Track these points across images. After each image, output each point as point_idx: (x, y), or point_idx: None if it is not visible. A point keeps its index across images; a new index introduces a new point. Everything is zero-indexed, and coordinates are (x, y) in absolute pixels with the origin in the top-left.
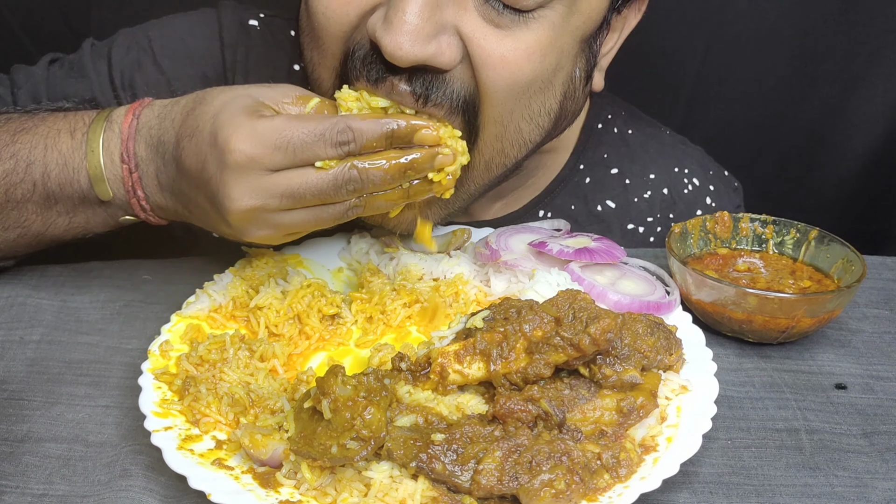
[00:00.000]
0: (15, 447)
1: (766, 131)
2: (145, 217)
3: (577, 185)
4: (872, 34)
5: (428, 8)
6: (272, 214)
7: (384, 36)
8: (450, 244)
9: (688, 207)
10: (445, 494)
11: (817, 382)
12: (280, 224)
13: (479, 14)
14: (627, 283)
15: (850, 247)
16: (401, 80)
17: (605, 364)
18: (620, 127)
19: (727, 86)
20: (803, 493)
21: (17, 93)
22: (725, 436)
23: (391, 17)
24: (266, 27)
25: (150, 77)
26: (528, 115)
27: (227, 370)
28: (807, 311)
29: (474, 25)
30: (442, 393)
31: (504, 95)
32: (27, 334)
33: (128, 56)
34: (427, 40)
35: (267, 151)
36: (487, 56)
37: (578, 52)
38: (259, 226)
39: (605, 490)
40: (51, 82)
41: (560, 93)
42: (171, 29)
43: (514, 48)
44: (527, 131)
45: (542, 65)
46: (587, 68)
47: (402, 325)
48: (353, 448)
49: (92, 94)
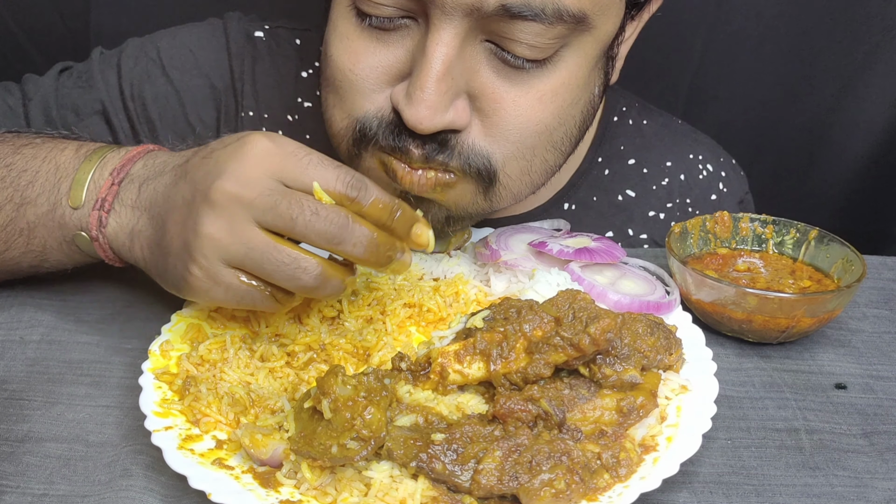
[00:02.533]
0: (15, 447)
1: (765, 131)
2: (96, 235)
3: (597, 177)
4: (870, 33)
5: (445, 81)
6: (243, 222)
7: (406, 109)
8: (450, 244)
9: (703, 192)
10: (445, 494)
11: (817, 382)
12: (241, 236)
13: (493, 70)
14: (627, 283)
15: (849, 247)
16: (416, 146)
17: (605, 364)
18: (635, 118)
19: (725, 85)
20: (803, 492)
21: (29, 104)
22: (725, 435)
23: (411, 92)
24: (271, 37)
25: (159, 89)
26: (550, 146)
27: (227, 370)
28: (807, 311)
29: (486, 82)
30: (442, 393)
31: (521, 135)
32: (27, 334)
33: (137, 67)
34: (444, 110)
35: (281, 155)
36: (500, 105)
37: (596, 74)
38: (223, 228)
39: (605, 490)
40: (61, 93)
41: (580, 118)
42: (180, 40)
43: (525, 95)
44: (552, 160)
45: (555, 104)
46: (605, 80)
47: (402, 325)
48: (353, 448)
49: (102, 105)
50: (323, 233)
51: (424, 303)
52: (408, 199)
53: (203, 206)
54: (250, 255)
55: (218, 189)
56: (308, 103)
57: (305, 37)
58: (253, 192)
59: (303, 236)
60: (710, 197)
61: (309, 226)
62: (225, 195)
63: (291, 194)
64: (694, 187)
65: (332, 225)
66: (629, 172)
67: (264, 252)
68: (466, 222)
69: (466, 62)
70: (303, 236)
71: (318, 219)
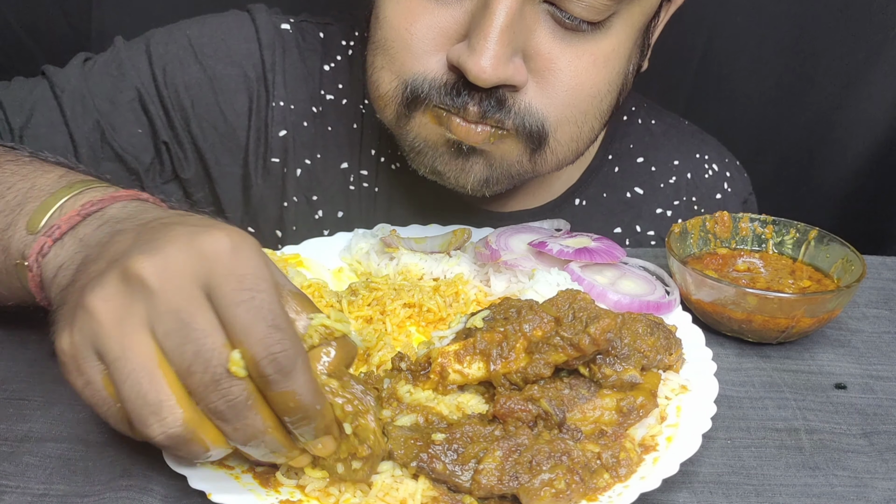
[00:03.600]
0: (15, 447)
1: (765, 130)
2: (31, 264)
3: (607, 174)
4: (872, 32)
5: (506, 34)
6: None
7: (469, 60)
8: (449, 244)
9: (708, 191)
10: (446, 494)
11: (817, 382)
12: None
13: (549, 31)
14: (627, 283)
15: (849, 247)
16: (474, 103)
17: (605, 364)
18: (644, 118)
19: (727, 84)
20: (803, 492)
21: (62, 96)
22: (725, 435)
23: (475, 44)
24: (297, 30)
25: (192, 76)
26: (599, 114)
27: None
28: (806, 311)
29: (543, 41)
30: (442, 393)
31: (575, 99)
32: (27, 333)
33: (167, 54)
34: (506, 63)
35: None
36: (556, 66)
37: (636, 48)
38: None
39: (605, 489)
40: (91, 82)
41: (620, 89)
42: (210, 28)
43: (580, 58)
44: (598, 128)
45: (607, 70)
46: (640, 59)
47: (402, 325)
48: (358, 468)
49: (137, 92)
50: (212, 406)
51: (424, 303)
52: (460, 147)
53: (109, 274)
54: (118, 363)
55: (134, 263)
56: (330, 96)
57: (328, 31)
58: (166, 290)
59: (189, 389)
60: (715, 196)
61: (202, 386)
62: (135, 274)
63: (204, 329)
64: (700, 186)
65: (224, 401)
66: (638, 170)
67: (133, 372)
68: (504, 183)
69: (526, 20)
70: (189, 389)
71: (214, 386)
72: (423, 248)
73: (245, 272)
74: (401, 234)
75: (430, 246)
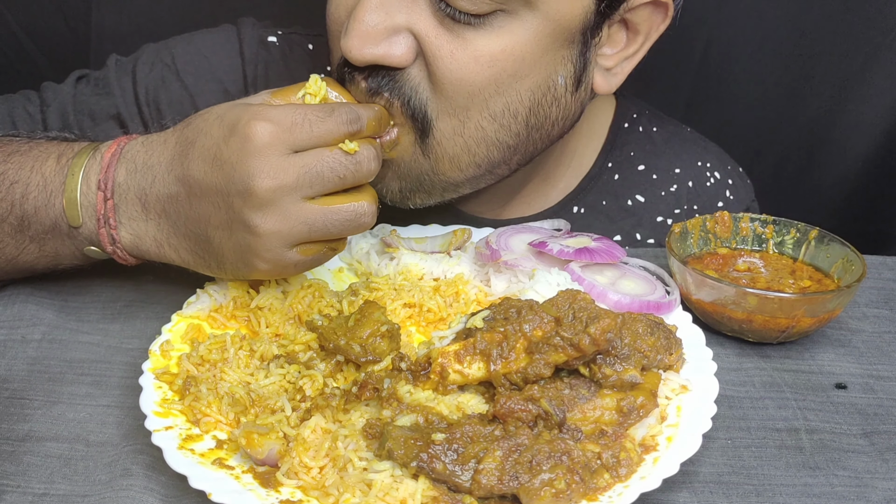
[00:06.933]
0: (16, 446)
1: (765, 131)
2: (112, 250)
3: (607, 181)
4: (871, 34)
5: (379, 13)
6: (294, 204)
7: (343, 40)
8: (450, 244)
9: (710, 199)
10: (446, 494)
11: (817, 382)
12: (299, 218)
13: (434, 17)
14: (627, 283)
15: (850, 246)
16: (362, 78)
17: (605, 364)
18: (645, 125)
19: (726, 86)
20: (803, 492)
21: (47, 111)
22: (725, 435)
23: (348, 24)
24: (284, 43)
25: (173, 94)
26: (488, 115)
27: (227, 370)
28: (807, 311)
29: (427, 26)
30: (442, 393)
31: (454, 91)
32: (28, 333)
33: (152, 73)
34: (376, 42)
35: (286, 129)
36: (437, 52)
37: (557, 61)
38: (279, 219)
39: (605, 489)
40: (78, 99)
41: (527, 98)
42: (195, 46)
43: (462, 50)
44: (491, 130)
45: (492, 70)
46: (575, 74)
47: (402, 325)
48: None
49: (117, 110)
50: (371, 173)
51: (424, 303)
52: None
53: (249, 210)
54: (313, 228)
55: (257, 189)
56: None
57: (318, 42)
58: (289, 176)
59: (355, 182)
60: (717, 204)
61: (358, 173)
62: (267, 192)
63: (321, 158)
64: (702, 194)
65: (373, 161)
66: (639, 178)
67: (326, 220)
68: (421, 196)
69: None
70: (355, 182)
71: (360, 166)
72: (423, 248)
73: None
74: (401, 234)
75: (430, 246)
